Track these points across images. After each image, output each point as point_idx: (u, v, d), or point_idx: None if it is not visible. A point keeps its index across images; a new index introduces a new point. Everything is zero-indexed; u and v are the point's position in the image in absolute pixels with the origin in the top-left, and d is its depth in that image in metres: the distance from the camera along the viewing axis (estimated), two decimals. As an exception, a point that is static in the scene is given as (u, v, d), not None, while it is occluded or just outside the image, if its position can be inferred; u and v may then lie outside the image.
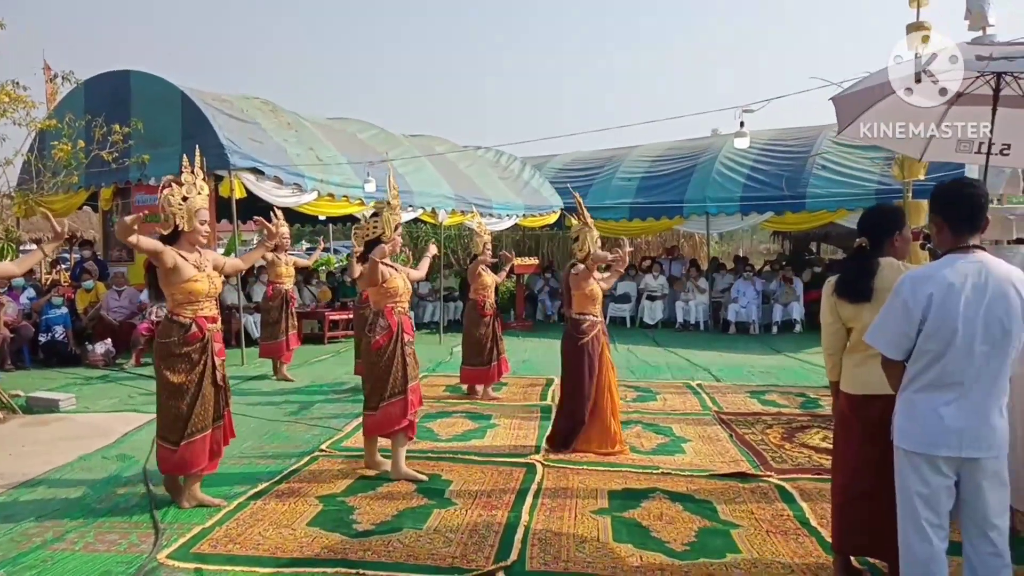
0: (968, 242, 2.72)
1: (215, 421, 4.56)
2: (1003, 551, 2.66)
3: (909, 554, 2.74)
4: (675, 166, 15.54)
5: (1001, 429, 2.66)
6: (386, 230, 5.24)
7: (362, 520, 4.27)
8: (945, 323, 2.62)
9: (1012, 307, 2.61)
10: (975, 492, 2.66)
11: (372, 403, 5.07)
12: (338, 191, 10.91)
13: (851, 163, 13.30)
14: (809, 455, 5.64)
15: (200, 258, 4.50)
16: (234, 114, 10.67)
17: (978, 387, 2.63)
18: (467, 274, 8.09)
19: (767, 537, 4.03)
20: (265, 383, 8.70)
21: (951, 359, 2.63)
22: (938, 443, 2.65)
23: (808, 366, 9.98)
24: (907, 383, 2.76)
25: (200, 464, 4.49)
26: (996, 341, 2.61)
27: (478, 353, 7.81)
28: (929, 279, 2.67)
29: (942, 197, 2.81)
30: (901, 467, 2.77)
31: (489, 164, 15.71)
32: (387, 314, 5.11)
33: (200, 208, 4.46)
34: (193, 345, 4.42)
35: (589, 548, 3.88)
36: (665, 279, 15.29)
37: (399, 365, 5.05)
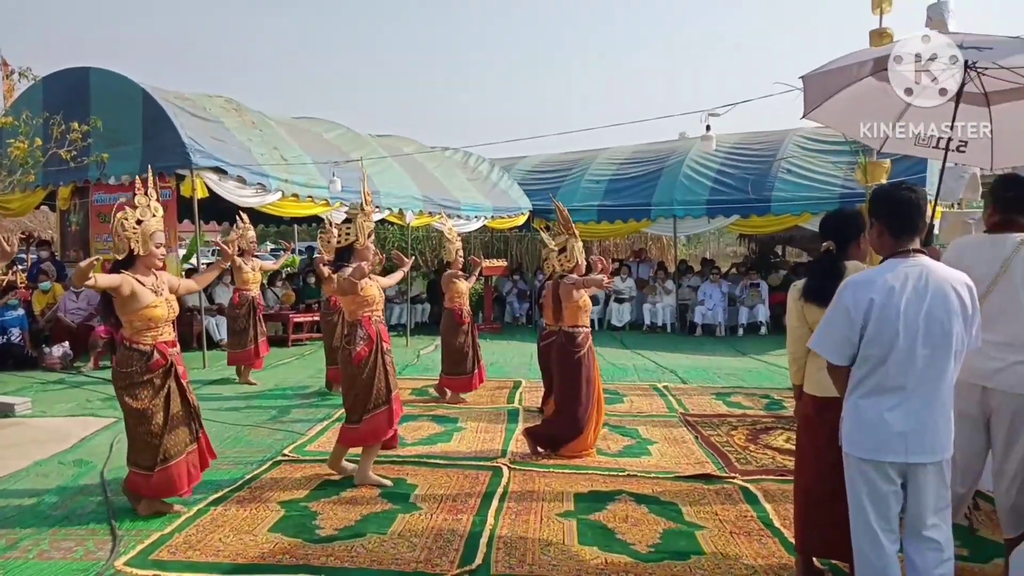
0: (908, 246, 2.75)
1: (189, 444, 4.46)
2: (944, 545, 2.69)
3: (862, 559, 2.76)
4: (642, 169, 15.62)
5: (946, 431, 2.69)
6: (359, 237, 5.05)
7: (325, 525, 4.21)
8: (886, 327, 2.64)
9: (952, 308, 2.64)
10: (917, 494, 2.70)
11: (355, 416, 4.91)
12: (303, 191, 10.78)
13: (815, 167, 13.47)
14: (773, 456, 5.68)
15: (157, 282, 4.38)
16: (196, 112, 10.50)
17: (921, 390, 2.65)
18: (441, 284, 7.99)
19: (731, 538, 4.05)
20: (227, 387, 8.57)
21: (893, 363, 2.65)
22: (884, 448, 2.67)
23: (773, 368, 10.08)
24: (852, 388, 2.78)
25: (180, 489, 4.40)
26: (937, 343, 2.63)
27: (460, 362, 7.75)
28: (870, 284, 2.69)
29: (881, 202, 2.84)
30: (851, 474, 2.78)
31: (457, 165, 15.66)
32: (365, 324, 4.96)
33: (155, 231, 4.36)
34: (156, 372, 4.33)
35: (554, 551, 3.86)
36: (633, 281, 15.36)
37: (381, 375, 4.94)
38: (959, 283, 2.69)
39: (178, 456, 4.38)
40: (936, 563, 2.68)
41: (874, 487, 2.70)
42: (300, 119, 13.61)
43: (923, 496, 2.68)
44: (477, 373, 7.86)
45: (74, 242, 11.99)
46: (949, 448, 2.70)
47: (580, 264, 5.86)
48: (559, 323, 5.81)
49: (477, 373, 7.86)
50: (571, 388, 5.66)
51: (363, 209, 5.15)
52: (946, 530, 2.72)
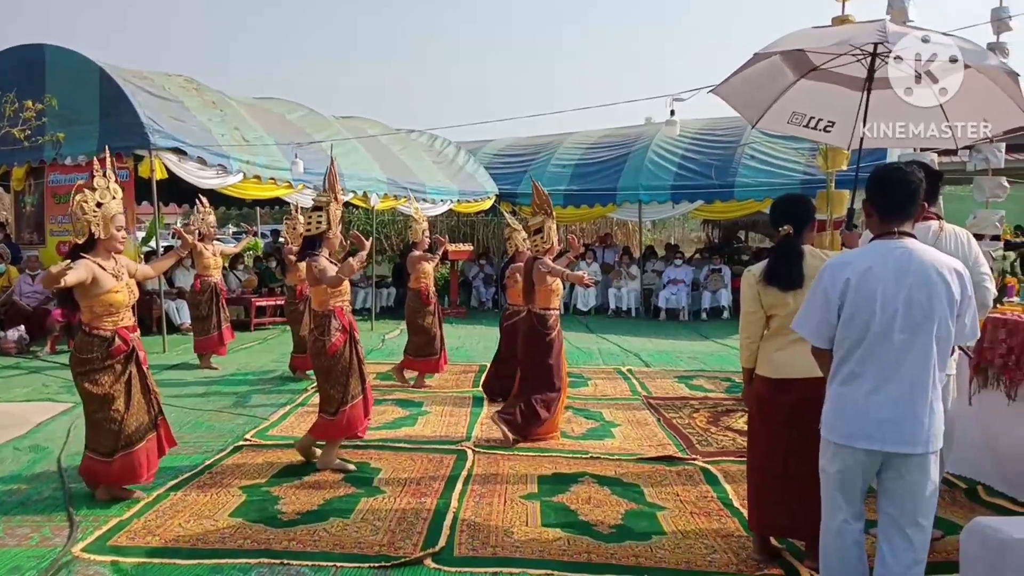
0: (895, 228, 2.67)
1: (149, 431, 4.39)
2: (919, 548, 2.65)
3: (827, 538, 2.77)
4: (609, 153, 15.65)
5: (932, 424, 2.59)
6: (332, 225, 4.90)
7: (287, 510, 4.19)
8: (861, 308, 2.59)
9: (935, 293, 2.56)
10: (900, 488, 2.63)
11: (331, 408, 4.84)
12: (265, 173, 10.63)
13: (778, 153, 13.63)
14: (733, 438, 5.77)
15: (116, 266, 4.27)
16: (155, 92, 10.28)
17: (902, 377, 2.58)
18: (407, 264, 7.90)
19: (691, 518, 4.11)
20: (188, 372, 8.45)
21: (870, 346, 2.60)
22: (861, 435, 2.62)
23: (734, 352, 10.20)
24: (833, 375, 2.74)
25: (140, 477, 4.33)
26: (917, 328, 2.56)
27: (427, 343, 7.69)
28: (848, 265, 2.66)
29: (872, 182, 2.78)
30: (826, 458, 2.75)
31: (423, 148, 15.55)
32: (339, 314, 4.87)
33: (116, 214, 4.23)
34: (117, 358, 4.24)
35: (517, 533, 3.89)
36: (598, 266, 15.43)
37: (356, 365, 4.90)
38: (947, 268, 2.60)
39: (139, 443, 4.31)
40: (908, 564, 2.64)
41: (846, 473, 2.67)
42: (262, 99, 13.40)
43: (908, 490, 2.61)
44: (443, 355, 7.84)
45: (29, 224, 11.68)
46: (935, 442, 2.60)
47: (554, 246, 5.81)
48: (529, 305, 5.76)
49: (443, 355, 7.84)
50: (541, 370, 5.63)
51: (336, 197, 4.99)
52: (926, 535, 2.67)
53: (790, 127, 5.17)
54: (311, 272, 4.81)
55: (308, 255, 4.90)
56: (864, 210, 2.82)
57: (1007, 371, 4.58)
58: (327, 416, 4.88)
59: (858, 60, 4.68)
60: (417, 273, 7.73)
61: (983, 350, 4.64)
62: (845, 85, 4.91)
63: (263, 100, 13.38)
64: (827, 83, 4.89)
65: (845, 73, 4.84)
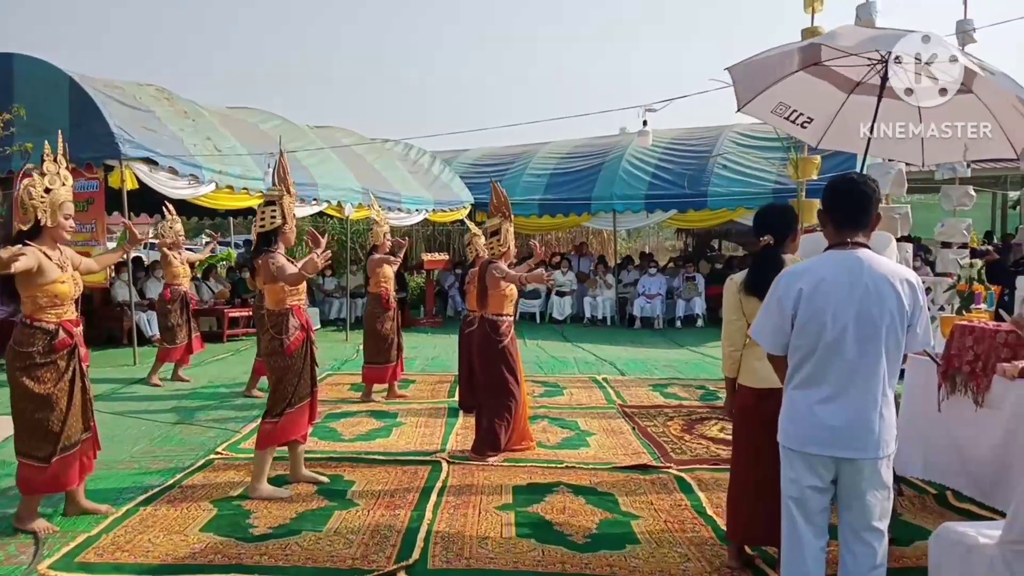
0: (850, 238, 2.69)
1: (85, 432, 4.24)
2: (879, 552, 2.67)
3: (786, 550, 2.77)
4: (583, 163, 15.75)
5: (883, 430, 2.62)
6: (287, 219, 4.71)
7: (258, 524, 4.14)
8: (813, 318, 2.61)
9: (887, 303, 2.58)
10: (854, 494, 2.65)
11: (277, 410, 4.62)
12: (238, 183, 10.55)
13: (750, 163, 13.80)
14: (707, 446, 5.80)
15: (62, 256, 4.10)
16: (126, 101, 10.17)
17: (854, 386, 2.60)
18: (367, 268, 7.81)
19: (665, 527, 4.12)
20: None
21: (823, 355, 2.62)
22: (811, 441, 2.64)
23: (709, 359, 10.28)
24: (788, 380, 2.77)
25: (73, 482, 4.18)
26: (868, 338, 2.58)
27: (384, 350, 7.57)
28: (802, 274, 2.68)
29: (828, 192, 2.80)
30: (782, 464, 2.77)
31: (398, 157, 15.53)
32: (297, 313, 4.71)
33: (64, 201, 4.06)
34: (60, 352, 4.06)
35: (492, 544, 3.88)
36: (574, 275, 15.49)
37: (308, 367, 4.74)
38: (898, 278, 2.61)
39: (76, 446, 4.15)
40: (868, 568, 2.65)
41: (800, 479, 2.68)
42: (235, 109, 13.31)
43: (862, 495, 2.63)
44: (399, 363, 7.73)
45: (-4, 234, 11.48)
46: (887, 447, 2.63)
47: (511, 250, 5.68)
48: (482, 310, 5.62)
49: (399, 363, 7.73)
50: (497, 378, 5.49)
51: (288, 190, 4.77)
52: (884, 538, 2.69)
53: (772, 116, 5.16)
54: (267, 269, 4.58)
55: (264, 251, 4.67)
56: (820, 220, 2.85)
57: (974, 378, 4.64)
58: (270, 419, 4.63)
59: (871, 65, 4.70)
60: (377, 277, 7.60)
61: (951, 357, 4.71)
62: (836, 85, 4.93)
63: (236, 110, 13.30)
64: (821, 79, 4.89)
65: (842, 73, 4.84)
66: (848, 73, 4.82)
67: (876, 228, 2.80)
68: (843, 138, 5.27)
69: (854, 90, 4.97)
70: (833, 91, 4.97)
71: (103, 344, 10.97)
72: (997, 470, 4.28)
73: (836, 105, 5.04)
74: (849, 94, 4.97)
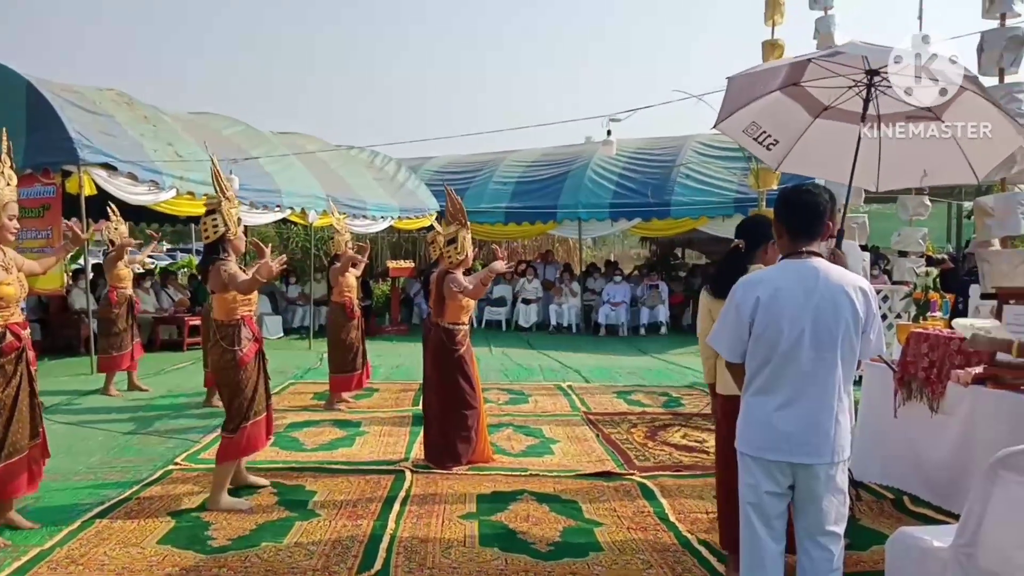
0: (804, 248, 2.74)
1: (32, 439, 4.14)
2: (836, 555, 2.71)
3: (745, 556, 2.78)
4: (549, 172, 15.83)
5: (837, 436, 2.65)
6: (230, 226, 4.55)
7: (218, 536, 4.07)
8: (771, 326, 2.65)
9: (840, 312, 2.63)
10: (810, 499, 2.69)
11: (232, 424, 4.51)
12: (199, 189, 10.38)
13: (712, 173, 13.98)
14: (670, 452, 5.84)
15: (5, 258, 4.03)
16: (85, 106, 9.99)
17: (809, 393, 2.64)
18: (329, 277, 7.75)
19: (628, 534, 4.14)
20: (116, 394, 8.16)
21: (779, 362, 2.66)
22: (768, 447, 2.68)
23: (672, 367, 10.38)
24: (746, 387, 2.80)
25: (20, 490, 4.08)
26: (823, 345, 2.63)
27: (350, 360, 7.53)
28: (759, 282, 2.72)
29: (781, 203, 2.85)
30: (740, 470, 2.79)
31: (363, 165, 15.45)
32: (248, 323, 4.58)
33: (8, 201, 4.01)
34: (8, 356, 3.98)
35: (455, 553, 3.86)
36: (539, 283, 15.53)
37: (262, 379, 4.66)
38: (851, 286, 2.66)
39: (23, 452, 4.05)
40: (825, 572, 2.69)
41: (758, 485, 2.71)
42: (197, 115, 13.13)
43: (818, 500, 2.67)
44: (365, 371, 7.70)
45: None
46: (842, 452, 2.67)
47: (469, 257, 5.60)
48: (439, 318, 5.55)
49: (365, 371, 7.70)
50: (453, 387, 5.42)
51: (226, 196, 4.60)
52: (841, 543, 2.73)
53: (742, 136, 5.20)
54: (218, 276, 4.42)
55: (214, 259, 4.51)
56: (775, 231, 2.89)
57: (929, 384, 4.75)
58: (228, 434, 4.53)
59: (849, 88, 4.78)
60: (340, 287, 7.54)
61: (906, 364, 4.81)
62: (806, 108, 5.00)
63: (198, 115, 13.13)
64: (794, 101, 4.97)
65: (814, 95, 4.93)
66: (820, 96, 4.89)
67: (827, 237, 2.86)
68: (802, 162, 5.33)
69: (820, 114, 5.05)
70: (802, 114, 5.05)
71: (60, 353, 10.73)
72: (952, 474, 4.39)
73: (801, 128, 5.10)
74: (815, 118, 5.04)
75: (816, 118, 5.09)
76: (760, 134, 5.11)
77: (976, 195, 16.27)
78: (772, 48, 8.37)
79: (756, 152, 5.48)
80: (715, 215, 13.45)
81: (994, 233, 5.76)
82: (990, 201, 5.88)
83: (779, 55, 8.35)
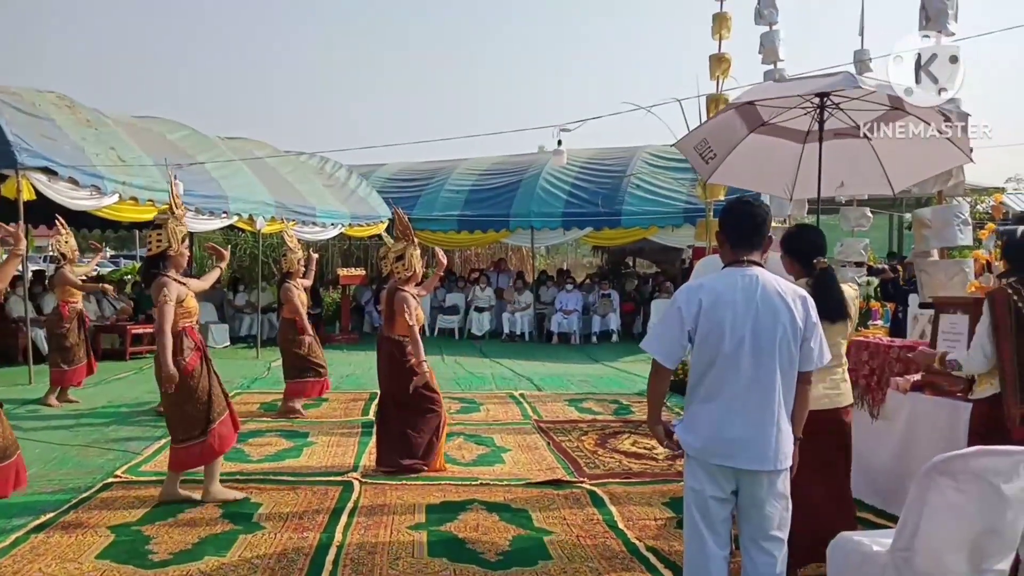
0: (745, 256, 2.81)
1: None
2: (779, 559, 2.77)
3: (689, 560, 2.82)
4: (502, 180, 15.87)
5: (780, 443, 2.72)
6: (172, 243, 4.67)
7: (159, 550, 3.97)
8: (712, 331, 2.70)
9: (780, 319, 2.70)
10: (754, 504, 2.75)
11: (196, 431, 4.63)
12: (142, 194, 10.13)
13: (662, 183, 14.20)
14: (620, 460, 5.88)
15: None
16: (24, 108, 9.67)
17: (752, 399, 2.70)
18: (280, 295, 7.71)
19: (578, 541, 4.15)
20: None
21: (721, 368, 2.71)
22: (712, 452, 2.72)
23: (623, 374, 10.46)
24: (689, 394, 2.84)
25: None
26: (763, 352, 2.69)
27: (305, 368, 7.52)
28: (700, 288, 2.78)
29: (724, 215, 2.95)
30: (686, 474, 2.84)
31: (313, 171, 15.27)
32: (190, 334, 4.71)
33: None
34: None
35: (403, 564, 3.82)
36: (492, 291, 15.53)
37: (216, 381, 4.76)
38: (790, 294, 2.74)
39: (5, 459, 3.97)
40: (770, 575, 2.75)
41: (703, 489, 2.75)
42: (141, 119, 12.82)
43: (761, 505, 2.73)
44: (325, 380, 7.70)
45: None
46: (785, 460, 2.72)
47: (417, 273, 5.67)
48: (389, 332, 5.58)
49: (325, 380, 7.70)
50: (411, 397, 5.43)
51: (173, 213, 4.78)
52: (784, 547, 2.78)
53: (692, 152, 5.46)
54: (157, 293, 4.54)
55: (154, 274, 4.64)
56: (717, 240, 2.97)
57: (870, 391, 4.87)
58: (195, 440, 4.64)
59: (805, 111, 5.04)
60: (292, 304, 7.50)
61: (848, 371, 4.92)
62: (745, 122, 5.20)
63: (142, 119, 12.82)
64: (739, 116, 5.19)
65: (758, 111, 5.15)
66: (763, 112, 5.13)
67: (768, 249, 2.93)
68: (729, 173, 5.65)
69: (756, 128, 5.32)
70: (742, 129, 5.27)
71: (-5, 362, 10.36)
72: (894, 479, 4.50)
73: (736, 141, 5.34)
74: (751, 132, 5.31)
75: (751, 132, 5.30)
76: (706, 150, 5.34)
77: (916, 207, 16.77)
78: (719, 62, 8.53)
79: (695, 164, 5.69)
80: (664, 224, 13.73)
81: (932, 244, 5.94)
82: (928, 213, 6.06)
83: (725, 68, 8.54)
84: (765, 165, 5.60)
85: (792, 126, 5.35)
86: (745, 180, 5.97)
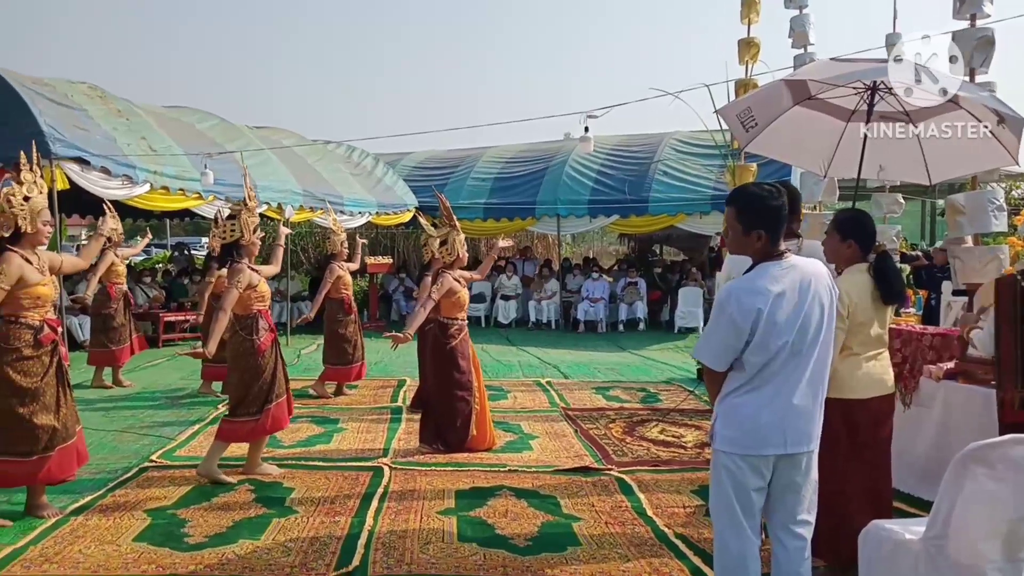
0: (781, 249, 2.73)
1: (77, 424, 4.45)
2: (808, 543, 2.77)
3: (726, 552, 2.77)
4: (528, 168, 15.82)
5: (816, 423, 2.73)
6: (244, 232, 5.05)
7: (194, 533, 4.05)
8: (773, 336, 2.62)
9: (825, 304, 2.70)
10: (790, 487, 2.73)
11: (253, 408, 4.90)
12: (173, 184, 10.27)
13: (689, 170, 14.05)
14: (648, 448, 5.88)
15: (40, 261, 4.29)
16: (56, 99, 9.82)
17: (800, 385, 2.67)
18: (327, 274, 7.91)
19: (606, 528, 4.16)
20: (91, 390, 8.07)
21: (776, 364, 2.65)
22: (758, 443, 2.67)
23: (650, 362, 10.44)
24: (730, 390, 2.75)
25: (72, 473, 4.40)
26: (812, 340, 2.67)
27: (349, 351, 7.75)
28: (756, 294, 2.65)
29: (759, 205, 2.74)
30: (719, 472, 2.76)
31: (340, 160, 15.35)
32: (264, 316, 5.04)
33: (43, 208, 4.28)
34: (45, 347, 4.23)
35: (433, 549, 3.86)
36: (519, 279, 15.54)
37: (281, 365, 5.08)
38: (825, 275, 2.76)
39: (73, 438, 4.36)
40: (801, 560, 2.74)
41: (744, 483, 2.70)
42: (171, 108, 12.97)
43: (797, 489, 2.72)
44: (363, 364, 7.94)
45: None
46: (817, 440, 2.74)
47: (461, 257, 5.84)
48: (435, 314, 5.77)
49: (363, 364, 7.94)
50: (446, 379, 5.68)
51: (247, 205, 5.16)
52: (812, 530, 2.79)
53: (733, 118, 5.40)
54: (232, 277, 4.91)
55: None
56: (730, 230, 2.82)
57: (902, 379, 4.82)
58: (248, 416, 4.91)
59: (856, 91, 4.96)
60: (337, 284, 7.76)
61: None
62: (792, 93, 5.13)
63: (172, 109, 12.97)
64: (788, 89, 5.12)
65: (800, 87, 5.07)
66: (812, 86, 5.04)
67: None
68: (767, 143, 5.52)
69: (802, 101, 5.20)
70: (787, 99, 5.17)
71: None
72: (927, 467, 4.45)
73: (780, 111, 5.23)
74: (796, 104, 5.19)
75: (796, 104, 5.19)
76: (748, 118, 5.27)
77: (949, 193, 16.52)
78: (748, 46, 8.41)
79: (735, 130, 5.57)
80: (692, 212, 13.57)
81: (966, 230, 5.83)
82: (962, 199, 5.95)
83: (755, 53, 8.42)
84: (805, 139, 5.48)
85: (838, 103, 5.22)
86: (781, 151, 5.85)
